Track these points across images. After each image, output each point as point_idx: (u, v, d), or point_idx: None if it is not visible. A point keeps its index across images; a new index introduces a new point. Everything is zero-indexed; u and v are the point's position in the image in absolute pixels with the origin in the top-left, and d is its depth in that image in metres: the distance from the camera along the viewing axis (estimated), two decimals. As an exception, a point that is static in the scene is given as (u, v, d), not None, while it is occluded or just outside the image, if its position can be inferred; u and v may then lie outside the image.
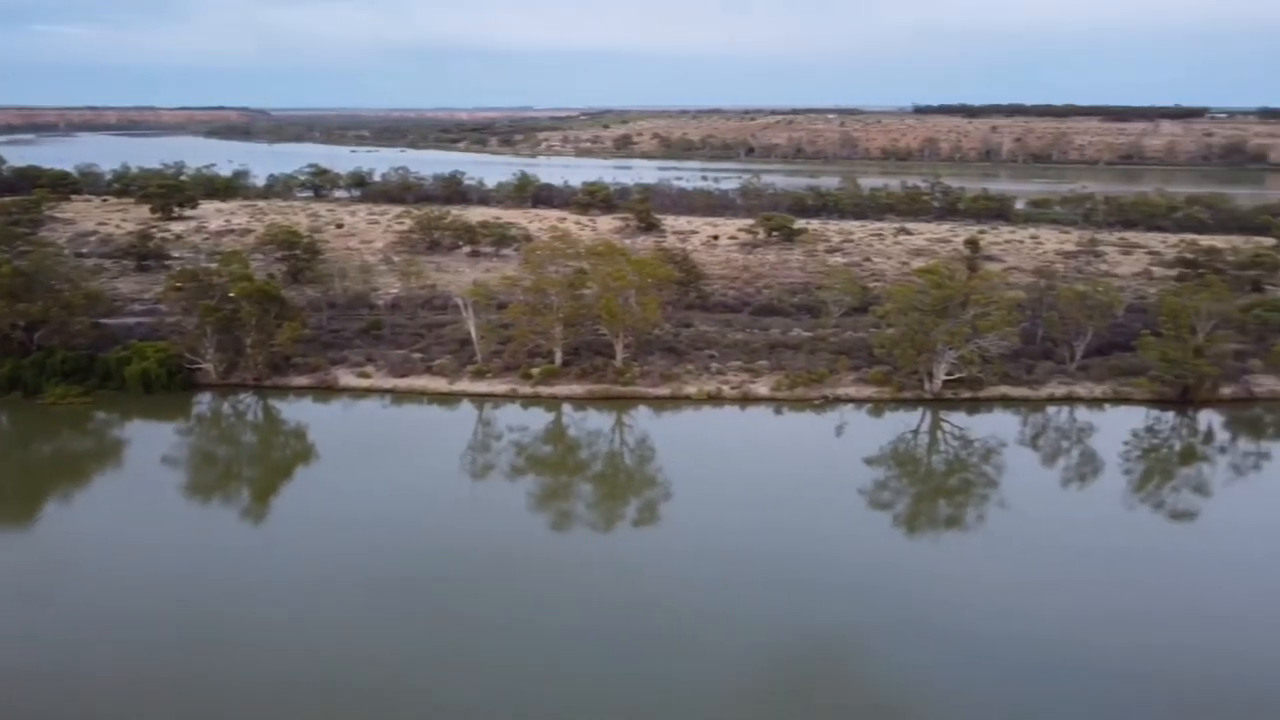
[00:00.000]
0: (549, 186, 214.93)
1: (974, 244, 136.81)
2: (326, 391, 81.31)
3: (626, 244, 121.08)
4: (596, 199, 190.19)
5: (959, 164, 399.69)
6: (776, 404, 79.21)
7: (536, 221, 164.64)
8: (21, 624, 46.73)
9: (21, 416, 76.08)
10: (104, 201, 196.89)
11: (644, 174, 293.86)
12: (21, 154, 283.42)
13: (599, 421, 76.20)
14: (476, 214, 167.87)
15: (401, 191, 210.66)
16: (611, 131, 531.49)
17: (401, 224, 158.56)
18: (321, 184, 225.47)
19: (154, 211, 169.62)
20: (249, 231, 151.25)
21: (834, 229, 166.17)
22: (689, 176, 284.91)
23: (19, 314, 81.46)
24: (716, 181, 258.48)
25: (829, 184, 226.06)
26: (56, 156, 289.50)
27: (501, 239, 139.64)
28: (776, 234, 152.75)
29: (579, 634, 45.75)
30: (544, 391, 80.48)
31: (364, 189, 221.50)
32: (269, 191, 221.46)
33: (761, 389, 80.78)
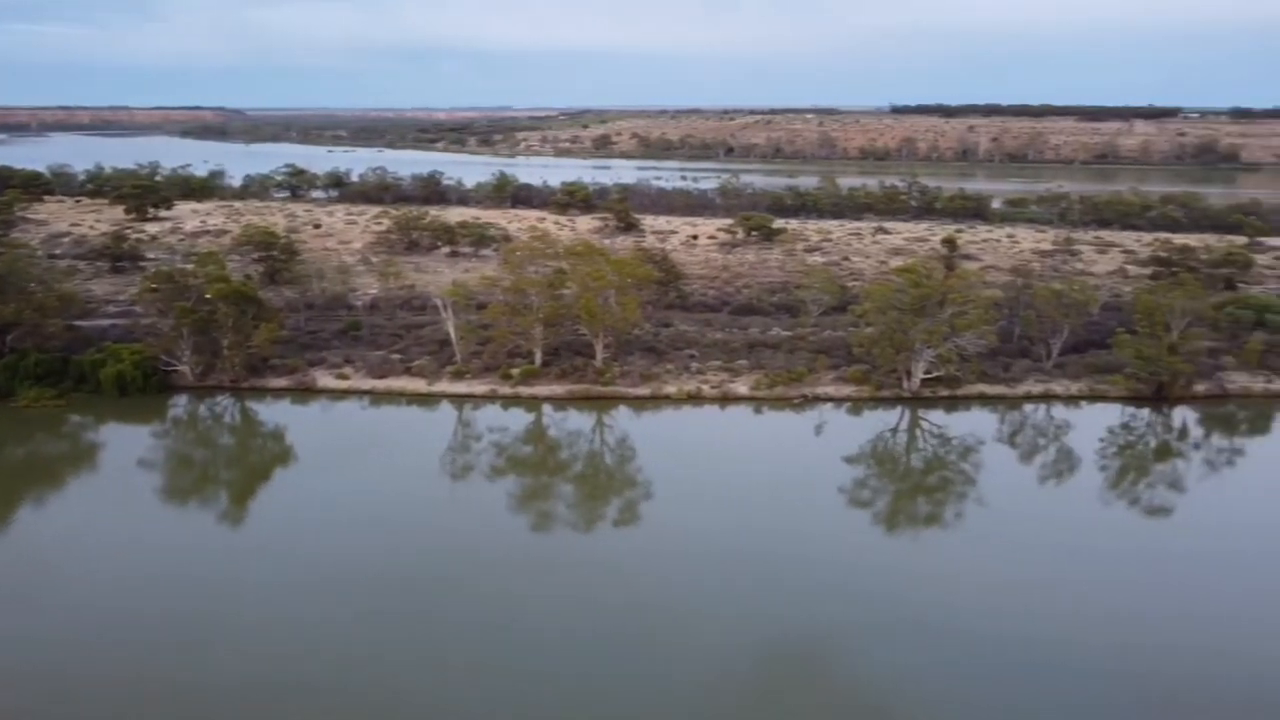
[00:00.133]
0: (528, 186, 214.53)
1: (951, 243, 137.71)
2: (305, 393, 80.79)
3: (606, 244, 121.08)
4: (575, 199, 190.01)
5: (936, 163, 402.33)
6: (756, 403, 79.41)
7: (515, 222, 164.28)
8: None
9: (-6, 420, 75.08)
10: (77, 202, 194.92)
11: (623, 174, 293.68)
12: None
13: (579, 422, 76.12)
14: (455, 214, 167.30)
15: (379, 192, 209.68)
16: (590, 131, 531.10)
17: (380, 224, 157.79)
18: (298, 184, 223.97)
19: (128, 212, 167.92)
20: (225, 232, 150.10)
21: (813, 228, 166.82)
22: (668, 176, 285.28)
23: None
24: (695, 181, 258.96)
25: (807, 184, 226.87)
26: (29, 157, 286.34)
27: (480, 239, 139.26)
28: (755, 233, 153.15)
29: (561, 634, 45.66)
30: (524, 392, 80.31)
31: (342, 189, 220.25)
32: (245, 192, 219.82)
33: (741, 388, 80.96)
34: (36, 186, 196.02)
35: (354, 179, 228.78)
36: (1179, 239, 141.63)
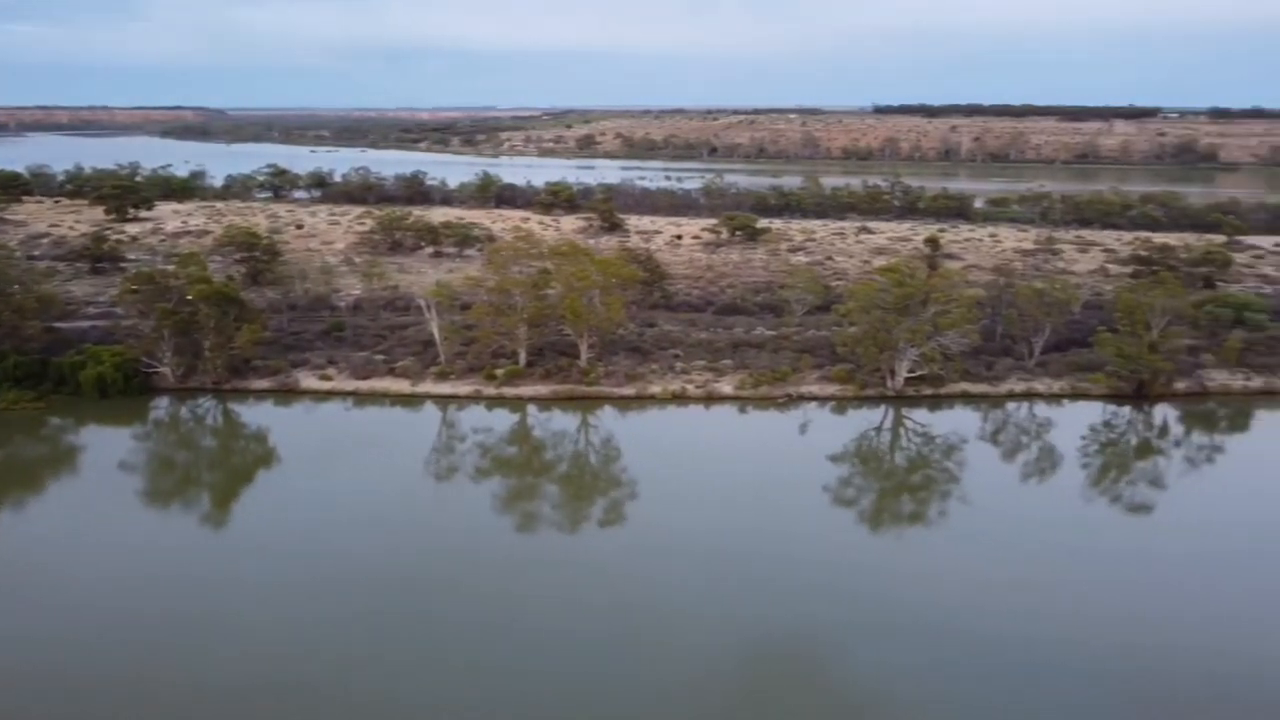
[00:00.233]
0: (512, 186, 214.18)
1: (934, 242, 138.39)
2: (288, 394, 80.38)
3: (590, 244, 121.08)
4: (560, 199, 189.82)
5: (919, 163, 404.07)
6: (741, 403, 79.55)
7: (499, 222, 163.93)
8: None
9: (-28, 423, 74.36)
10: (56, 203, 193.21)
11: (607, 174, 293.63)
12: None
13: (564, 422, 76.04)
14: (439, 214, 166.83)
15: (362, 192, 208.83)
16: (574, 131, 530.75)
17: (363, 225, 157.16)
18: (281, 184, 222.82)
19: (108, 213, 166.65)
20: (207, 233, 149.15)
21: (796, 228, 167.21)
22: (652, 176, 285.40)
23: (-31, 318, 79.77)
24: (679, 181, 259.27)
25: (791, 183, 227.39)
26: (7, 157, 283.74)
27: (464, 239, 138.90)
28: (739, 233, 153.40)
29: (547, 635, 45.57)
30: (508, 392, 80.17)
31: (324, 189, 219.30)
32: (227, 192, 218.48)
33: (726, 388, 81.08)
34: (15, 187, 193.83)
35: (337, 179, 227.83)
36: (1159, 238, 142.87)
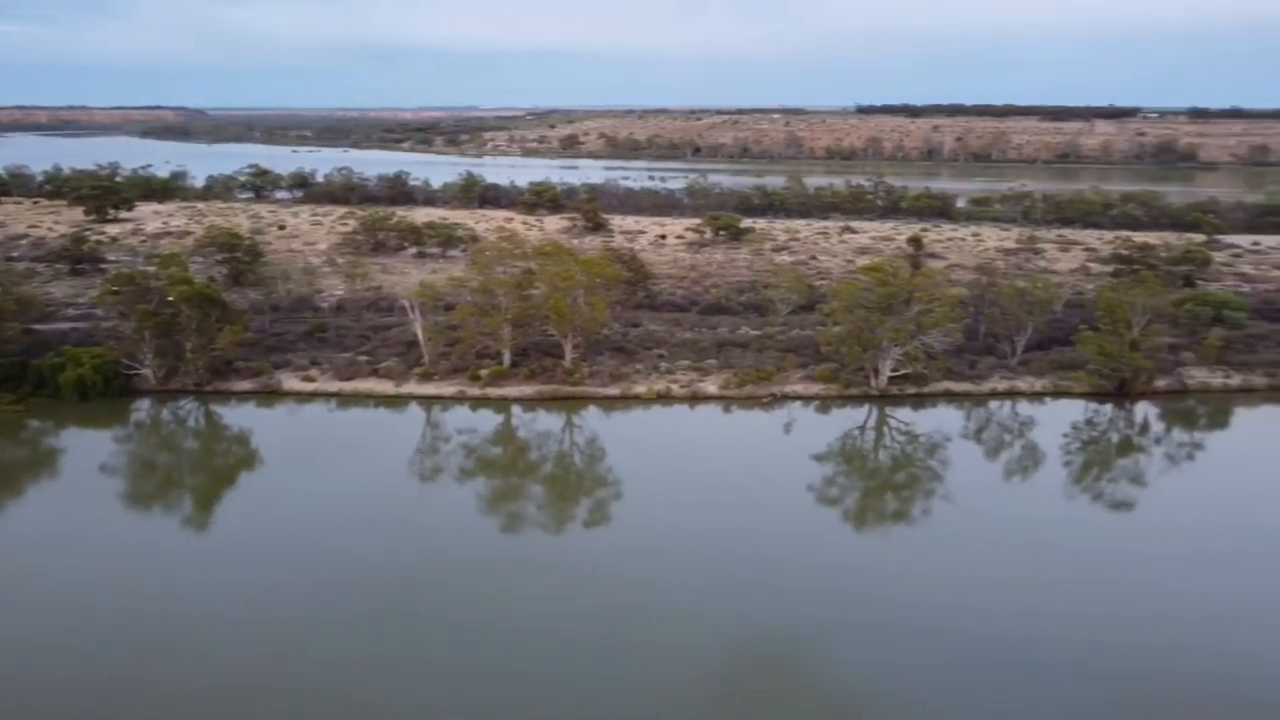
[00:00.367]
0: (495, 187, 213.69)
1: (917, 242, 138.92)
2: (270, 396, 79.91)
3: (574, 244, 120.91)
4: (543, 199, 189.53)
5: (901, 163, 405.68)
6: (725, 402, 79.63)
7: (483, 222, 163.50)
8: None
9: (-50, 426, 73.60)
10: (35, 203, 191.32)
11: (591, 174, 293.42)
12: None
13: (549, 422, 75.92)
14: (422, 215, 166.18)
15: (345, 192, 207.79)
16: (558, 131, 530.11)
17: (345, 225, 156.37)
18: (263, 185, 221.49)
19: (88, 214, 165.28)
20: (188, 233, 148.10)
21: (780, 228, 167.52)
22: (636, 176, 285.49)
23: (-54, 320, 78.97)
24: (663, 181, 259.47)
25: (775, 183, 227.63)
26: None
27: (448, 240, 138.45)
28: (723, 233, 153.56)
29: (533, 635, 45.47)
30: (493, 393, 79.98)
31: (307, 190, 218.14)
32: (208, 193, 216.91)
33: (710, 387, 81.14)
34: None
35: (319, 179, 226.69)
36: (1139, 237, 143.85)
